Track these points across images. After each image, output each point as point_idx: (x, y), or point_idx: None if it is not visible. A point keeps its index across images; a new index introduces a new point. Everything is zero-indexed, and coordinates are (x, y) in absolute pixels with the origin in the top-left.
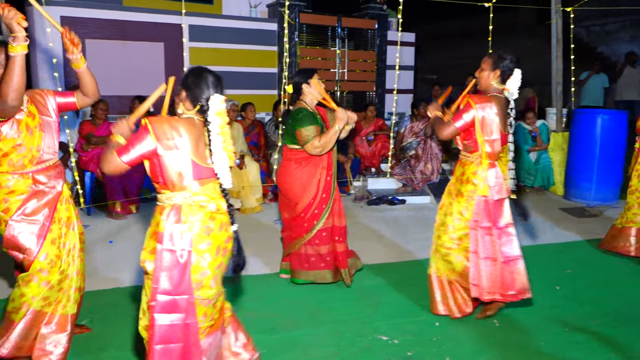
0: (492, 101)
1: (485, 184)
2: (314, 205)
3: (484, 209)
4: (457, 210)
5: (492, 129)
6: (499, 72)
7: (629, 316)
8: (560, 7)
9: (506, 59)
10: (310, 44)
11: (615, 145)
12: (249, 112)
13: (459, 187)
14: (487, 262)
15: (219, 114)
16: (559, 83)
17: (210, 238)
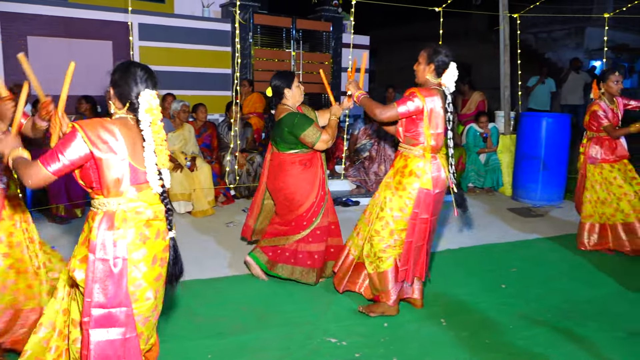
0: (437, 94)
1: (429, 177)
2: (316, 204)
3: (424, 201)
4: (397, 206)
5: (437, 122)
6: (433, 66)
7: (570, 311)
8: (507, 14)
9: (440, 52)
10: (264, 45)
11: (560, 147)
12: (200, 114)
13: (400, 180)
14: (417, 248)
15: (149, 110)
16: (506, 87)
17: (146, 246)
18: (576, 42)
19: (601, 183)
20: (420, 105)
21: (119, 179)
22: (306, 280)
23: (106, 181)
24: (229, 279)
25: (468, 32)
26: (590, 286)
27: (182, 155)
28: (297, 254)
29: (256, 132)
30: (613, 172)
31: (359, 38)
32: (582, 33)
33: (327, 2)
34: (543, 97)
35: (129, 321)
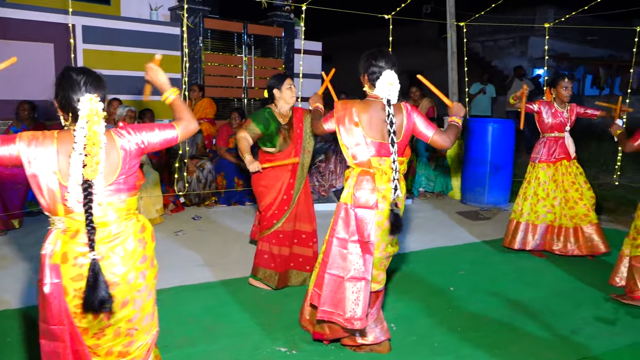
0: (354, 106)
1: (350, 191)
2: (275, 206)
3: (344, 218)
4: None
5: (353, 136)
6: (367, 77)
7: (514, 312)
8: (454, 22)
9: (371, 61)
10: (215, 50)
11: (505, 152)
12: (146, 119)
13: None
14: (332, 277)
15: (89, 116)
16: (454, 93)
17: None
18: (520, 51)
19: (538, 182)
20: (334, 121)
21: (50, 196)
22: (268, 282)
23: (40, 199)
24: (175, 290)
25: (419, 40)
26: (533, 287)
27: None
28: (263, 254)
29: (207, 138)
30: (549, 172)
31: (311, 44)
32: (525, 42)
33: (279, 7)
34: (484, 104)
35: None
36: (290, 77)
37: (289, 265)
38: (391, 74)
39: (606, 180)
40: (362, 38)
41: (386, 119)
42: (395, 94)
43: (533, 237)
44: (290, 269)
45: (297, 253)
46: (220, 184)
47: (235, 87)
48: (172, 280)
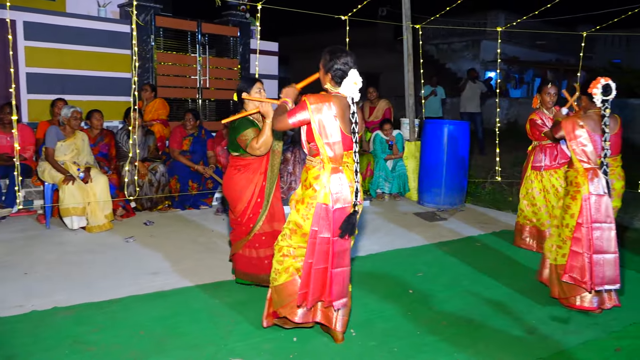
0: (330, 101)
1: (327, 191)
2: (249, 210)
3: (324, 218)
4: (294, 220)
5: (332, 131)
6: (330, 75)
7: (472, 313)
8: (410, 25)
9: (337, 60)
10: (168, 49)
11: (461, 153)
12: (94, 121)
13: (302, 193)
14: (318, 271)
15: None
16: (410, 95)
17: None
18: (473, 54)
19: (540, 190)
20: (307, 115)
21: None
22: (264, 283)
23: None
24: (124, 301)
25: (375, 42)
26: (490, 288)
27: (74, 165)
28: (251, 259)
29: (159, 140)
30: (552, 179)
31: (267, 44)
32: (478, 45)
33: (234, 6)
34: (435, 105)
35: None
36: (260, 81)
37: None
38: (356, 73)
39: None
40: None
41: (351, 117)
42: (358, 93)
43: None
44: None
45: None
46: (173, 188)
47: (189, 88)
48: (121, 290)
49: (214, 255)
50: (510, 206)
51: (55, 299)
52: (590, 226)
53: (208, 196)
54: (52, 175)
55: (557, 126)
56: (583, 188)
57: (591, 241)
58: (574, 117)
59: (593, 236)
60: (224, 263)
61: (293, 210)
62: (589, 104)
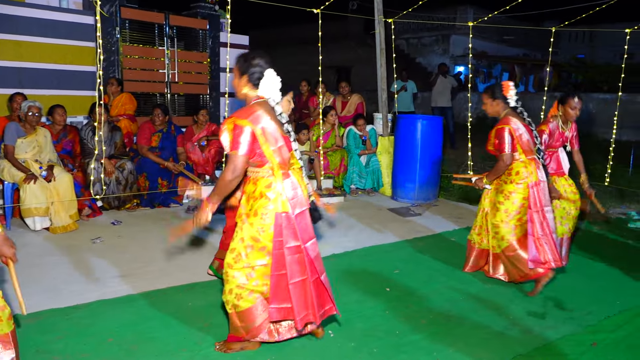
0: (257, 108)
1: (284, 198)
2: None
3: (288, 227)
4: (249, 236)
5: (275, 136)
6: (247, 78)
7: (449, 311)
8: (382, 18)
9: (252, 61)
10: (134, 42)
11: (434, 148)
12: (57, 116)
13: (251, 205)
14: (297, 285)
15: None
16: (383, 90)
17: None
18: (442, 49)
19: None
20: (250, 131)
21: None
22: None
23: None
24: (92, 306)
25: (347, 36)
26: (466, 284)
27: (36, 164)
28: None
29: (126, 136)
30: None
31: (237, 37)
32: (447, 40)
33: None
34: (406, 100)
35: None
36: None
37: None
38: (272, 72)
39: None
40: (289, 33)
41: (280, 118)
42: (278, 93)
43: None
44: None
45: None
46: (142, 185)
47: (157, 82)
48: (88, 295)
49: (186, 255)
50: None
51: (16, 305)
52: (542, 210)
53: (178, 194)
54: (12, 174)
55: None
56: (532, 176)
57: (545, 223)
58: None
59: (547, 219)
60: (197, 263)
61: (245, 225)
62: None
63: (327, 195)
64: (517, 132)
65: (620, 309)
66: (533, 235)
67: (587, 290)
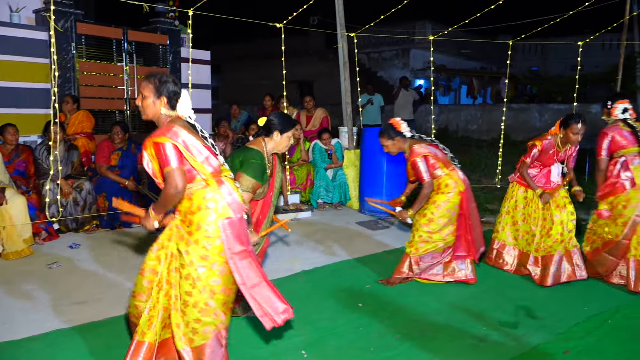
0: (174, 124)
1: (224, 204)
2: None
3: (232, 232)
4: (198, 256)
5: (198, 148)
6: (165, 99)
7: (422, 324)
8: (344, 33)
9: (168, 82)
10: (91, 58)
11: (400, 160)
12: (8, 136)
13: (190, 221)
14: (258, 288)
15: None
16: (348, 103)
17: None
18: (403, 62)
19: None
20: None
21: None
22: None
23: None
24: (51, 336)
25: (308, 50)
26: (438, 297)
27: None
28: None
29: (84, 155)
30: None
31: (199, 53)
32: (407, 54)
33: (162, 13)
34: (373, 113)
35: None
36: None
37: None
38: (186, 93)
39: (488, 183)
40: (251, 48)
41: (201, 133)
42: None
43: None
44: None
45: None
46: (101, 206)
47: (115, 99)
48: (47, 324)
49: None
50: None
51: None
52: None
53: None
54: None
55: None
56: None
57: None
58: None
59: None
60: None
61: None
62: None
63: (294, 210)
64: (430, 156)
65: (589, 315)
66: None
67: (556, 297)
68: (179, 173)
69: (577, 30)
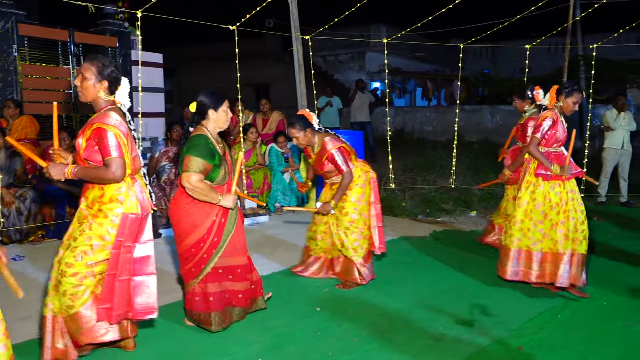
0: (116, 114)
1: (133, 200)
2: (203, 250)
3: (130, 227)
4: (97, 234)
5: (132, 145)
6: (106, 83)
7: (382, 325)
8: (299, 35)
9: (111, 66)
10: (35, 60)
11: None
12: None
13: (99, 207)
14: (122, 283)
15: None
16: (304, 106)
17: None
18: (359, 65)
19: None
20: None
21: None
22: (206, 326)
23: None
24: None
25: (264, 53)
26: (396, 297)
27: None
28: (194, 296)
29: (28, 162)
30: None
31: (150, 55)
32: (363, 57)
33: (111, 15)
34: (332, 116)
35: None
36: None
37: (230, 303)
38: (126, 80)
39: (443, 184)
40: (206, 50)
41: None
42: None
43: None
44: (230, 306)
45: (234, 289)
46: (47, 215)
47: (62, 103)
48: None
49: None
50: (405, 212)
51: None
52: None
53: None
54: None
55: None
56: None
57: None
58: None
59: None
60: None
61: (93, 224)
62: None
63: (251, 215)
64: (344, 147)
65: (540, 311)
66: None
67: (508, 294)
68: (121, 163)
69: (525, 34)
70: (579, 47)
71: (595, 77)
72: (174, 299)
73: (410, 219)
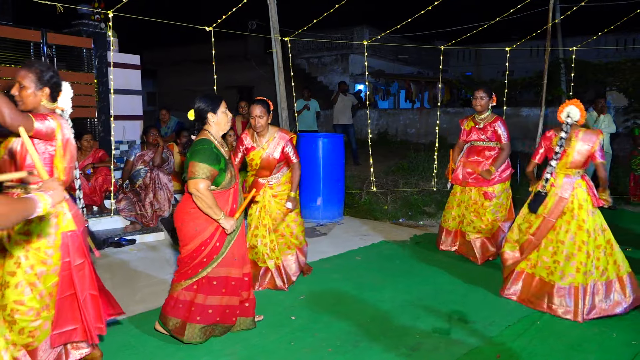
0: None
1: (69, 217)
2: (204, 254)
3: (74, 245)
4: (38, 260)
5: (72, 151)
6: (47, 90)
7: (357, 335)
8: (278, 37)
9: (52, 72)
10: (6, 62)
11: (336, 166)
12: None
13: (28, 230)
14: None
15: None
16: (283, 108)
17: None
18: (342, 67)
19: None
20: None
21: None
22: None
23: None
24: None
25: (247, 55)
26: (374, 304)
27: None
28: (178, 303)
29: None
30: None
31: (127, 57)
32: (346, 59)
33: (87, 16)
34: (309, 119)
35: None
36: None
37: (215, 320)
38: (68, 85)
39: (425, 186)
40: (185, 52)
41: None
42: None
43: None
44: (214, 323)
45: (222, 305)
46: None
47: None
48: None
49: None
50: (387, 215)
51: None
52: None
53: None
54: None
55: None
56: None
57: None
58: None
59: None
60: None
61: (30, 252)
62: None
63: None
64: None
65: (519, 317)
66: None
67: (487, 301)
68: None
69: (506, 37)
70: (559, 50)
71: (575, 79)
72: (147, 308)
73: (392, 222)
